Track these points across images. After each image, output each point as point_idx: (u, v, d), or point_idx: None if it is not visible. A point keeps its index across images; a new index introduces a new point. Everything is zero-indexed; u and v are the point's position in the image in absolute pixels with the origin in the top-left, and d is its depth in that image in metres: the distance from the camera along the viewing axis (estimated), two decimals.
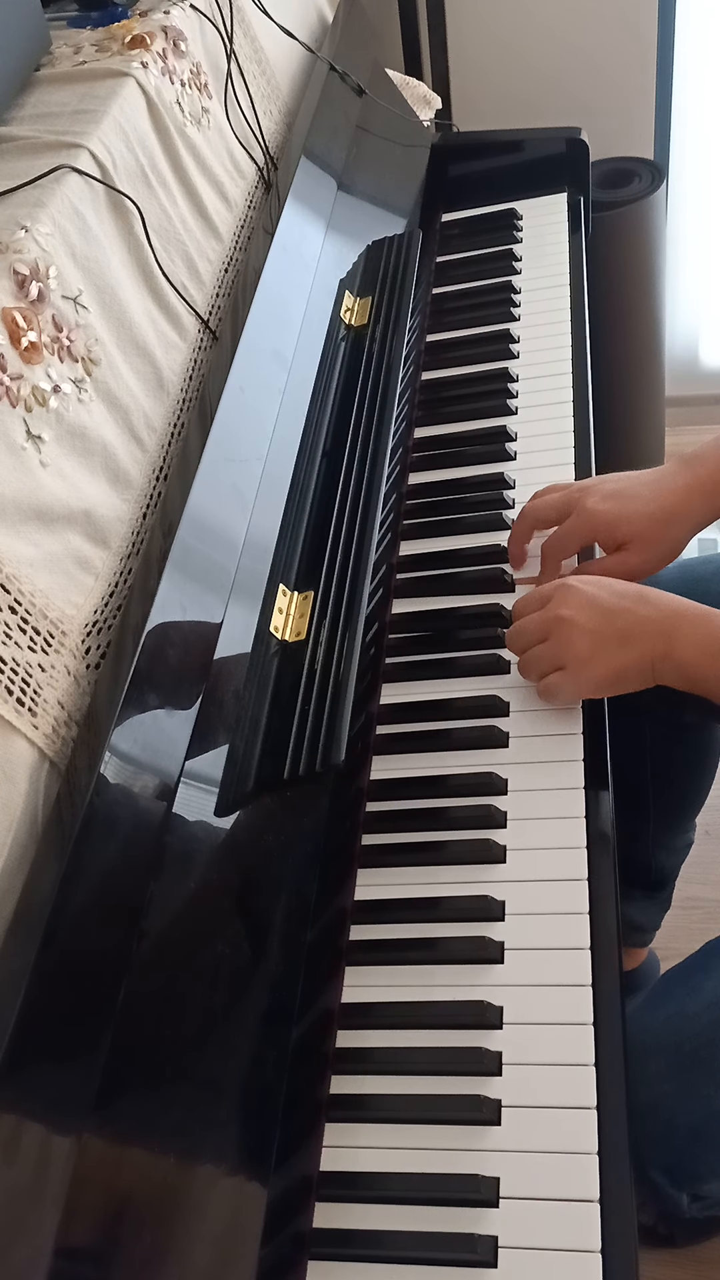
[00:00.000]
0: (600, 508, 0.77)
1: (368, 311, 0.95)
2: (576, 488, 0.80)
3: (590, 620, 0.70)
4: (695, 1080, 0.73)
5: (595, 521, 0.77)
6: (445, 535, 0.90)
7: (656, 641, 0.69)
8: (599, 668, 0.70)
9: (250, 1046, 0.58)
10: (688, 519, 0.77)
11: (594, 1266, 0.52)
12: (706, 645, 0.68)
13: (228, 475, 0.72)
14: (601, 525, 0.77)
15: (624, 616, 0.70)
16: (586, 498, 0.78)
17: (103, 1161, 0.48)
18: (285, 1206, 0.55)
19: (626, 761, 1.04)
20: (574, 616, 0.71)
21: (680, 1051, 0.73)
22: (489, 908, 0.66)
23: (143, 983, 0.53)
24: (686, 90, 1.63)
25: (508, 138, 1.26)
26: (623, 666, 0.70)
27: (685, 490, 0.77)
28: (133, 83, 0.80)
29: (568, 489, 0.81)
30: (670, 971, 0.81)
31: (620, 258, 1.56)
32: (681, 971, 0.80)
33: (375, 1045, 0.63)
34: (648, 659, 0.69)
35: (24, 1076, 0.47)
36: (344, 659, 0.68)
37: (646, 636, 0.69)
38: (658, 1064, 0.74)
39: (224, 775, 0.63)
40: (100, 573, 0.67)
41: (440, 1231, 0.55)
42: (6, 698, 0.56)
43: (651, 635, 0.69)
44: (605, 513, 0.77)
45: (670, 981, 0.80)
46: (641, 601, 0.70)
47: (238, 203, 0.95)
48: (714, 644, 0.68)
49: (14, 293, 0.63)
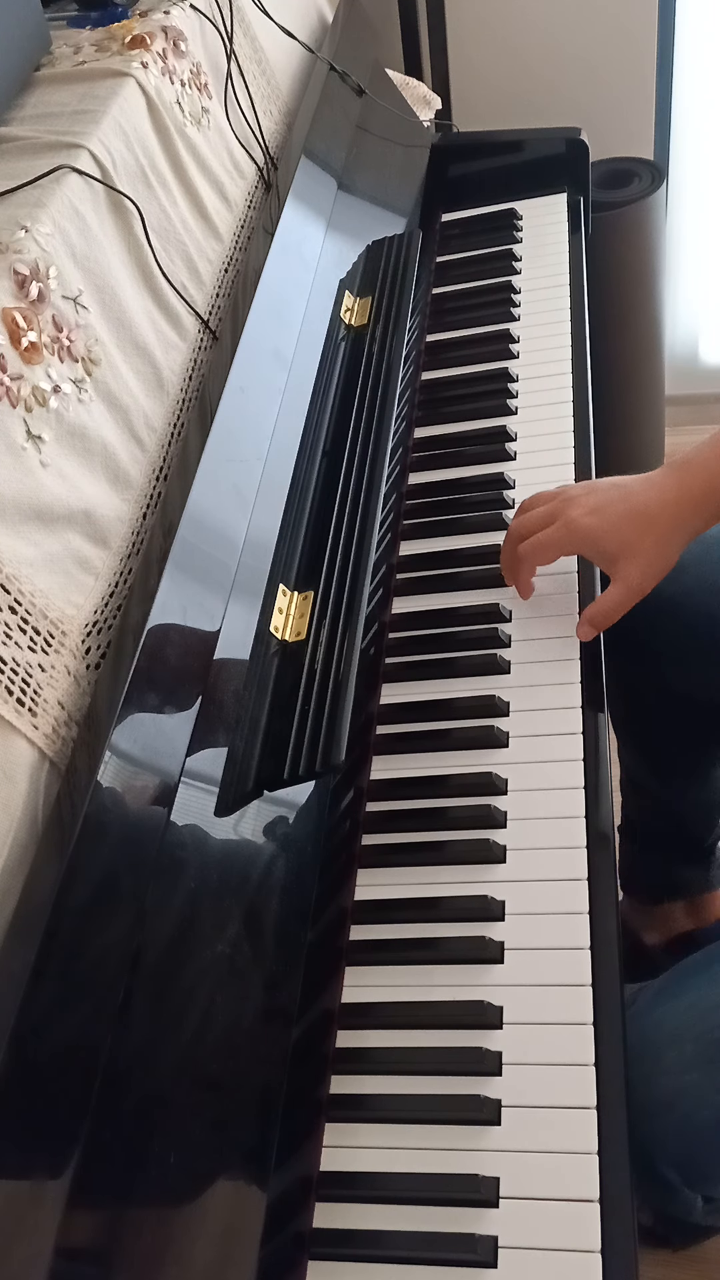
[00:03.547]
0: (585, 522, 0.76)
1: (368, 311, 0.95)
2: (561, 499, 0.79)
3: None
4: (715, 1073, 0.72)
5: (579, 535, 0.76)
6: (445, 535, 0.90)
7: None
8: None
9: (250, 1046, 0.58)
10: (677, 531, 0.75)
11: (594, 1266, 0.52)
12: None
13: (228, 475, 0.72)
14: (586, 540, 0.76)
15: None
16: (570, 509, 0.77)
17: (103, 1161, 0.48)
18: (285, 1206, 0.55)
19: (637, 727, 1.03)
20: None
21: (702, 1041, 0.71)
22: (489, 908, 0.66)
23: (143, 982, 0.53)
24: (686, 90, 1.63)
25: (508, 138, 1.26)
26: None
27: (675, 502, 0.75)
28: (133, 83, 0.80)
29: (552, 500, 0.79)
30: (684, 963, 0.79)
31: (620, 258, 1.56)
32: (697, 962, 0.78)
33: (375, 1045, 0.63)
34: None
35: (24, 1076, 0.47)
36: (344, 659, 0.68)
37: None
38: (677, 1054, 0.72)
39: (224, 775, 0.63)
40: (100, 573, 0.67)
41: (440, 1231, 0.55)
42: (6, 698, 0.56)
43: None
44: (590, 528, 0.76)
45: (685, 972, 0.78)
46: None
47: (238, 203, 0.95)
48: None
49: (14, 293, 0.63)
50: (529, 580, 0.81)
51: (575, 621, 0.80)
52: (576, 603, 0.81)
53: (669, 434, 1.82)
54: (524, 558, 0.79)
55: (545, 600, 0.82)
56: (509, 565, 0.82)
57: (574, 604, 0.81)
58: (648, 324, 1.65)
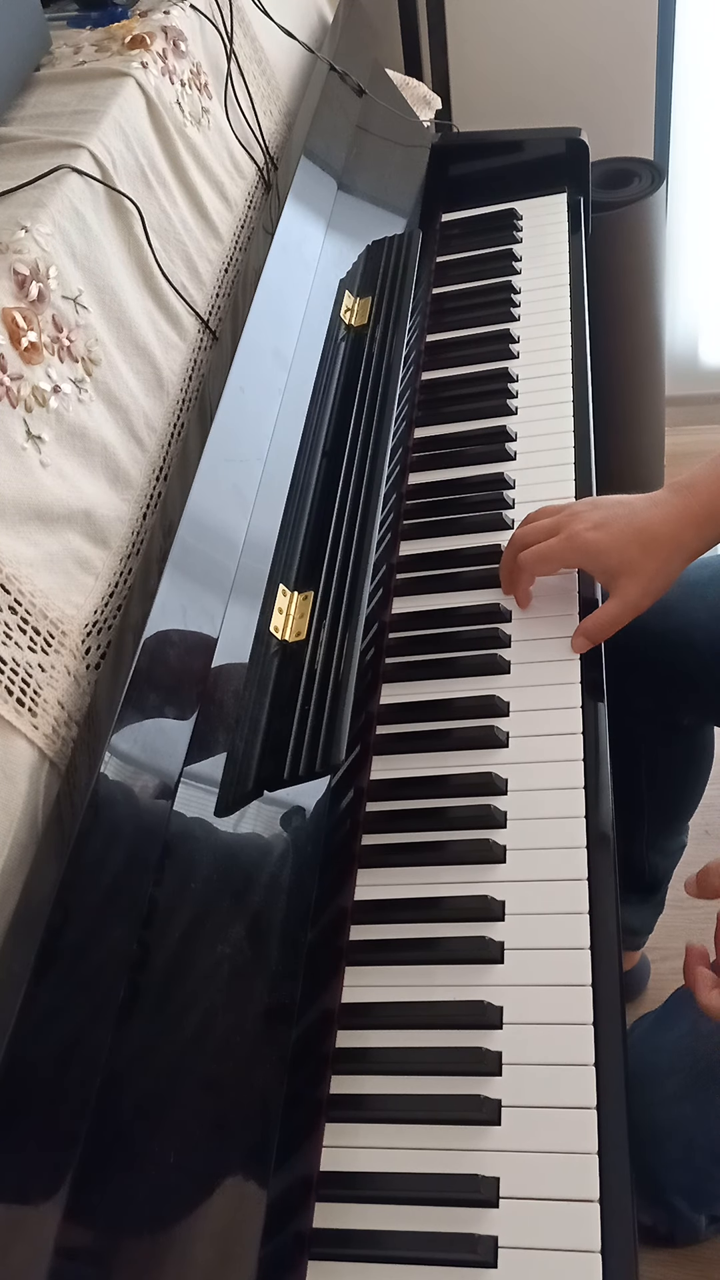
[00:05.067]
0: (588, 536, 0.76)
1: (368, 311, 0.95)
2: (566, 513, 0.79)
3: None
4: (714, 1098, 0.72)
5: (582, 549, 0.77)
6: (445, 535, 0.90)
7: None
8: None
9: (250, 1046, 0.58)
10: (679, 551, 0.76)
11: (594, 1266, 0.52)
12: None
13: (228, 475, 0.72)
14: (589, 554, 0.77)
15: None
16: (575, 523, 0.78)
17: (103, 1161, 0.48)
18: (285, 1206, 0.55)
19: (621, 764, 1.04)
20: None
21: (696, 1070, 0.72)
22: (489, 908, 0.66)
23: (143, 982, 0.53)
24: (686, 90, 1.63)
25: (508, 138, 1.26)
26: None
27: (677, 521, 0.76)
28: (133, 83, 0.80)
29: (557, 513, 0.80)
30: (681, 989, 0.79)
31: (620, 258, 1.56)
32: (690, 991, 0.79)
33: (375, 1045, 0.63)
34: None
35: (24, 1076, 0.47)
36: (344, 659, 0.68)
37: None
38: (674, 1085, 0.73)
39: (224, 775, 0.63)
40: (100, 573, 0.67)
41: (440, 1231, 0.55)
42: (6, 698, 0.56)
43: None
44: (593, 542, 0.76)
45: (681, 1000, 0.78)
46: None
47: (238, 203, 0.95)
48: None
49: (14, 293, 0.63)
50: (528, 590, 0.81)
51: (575, 621, 0.80)
52: (577, 603, 0.81)
53: (669, 434, 1.82)
54: (524, 567, 0.79)
55: (546, 600, 0.82)
56: (508, 574, 0.82)
57: (574, 604, 0.81)
58: (648, 324, 1.65)
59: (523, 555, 0.79)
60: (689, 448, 1.93)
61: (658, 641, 0.91)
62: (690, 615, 0.91)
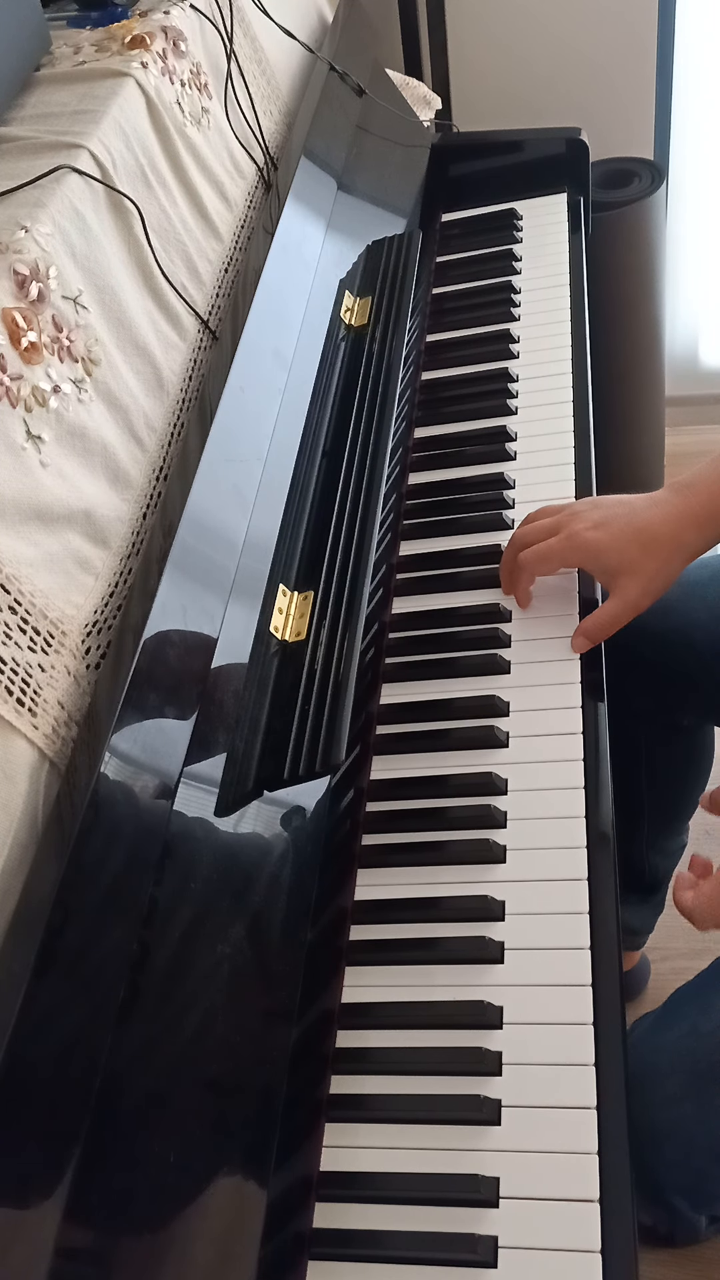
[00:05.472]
0: (589, 536, 0.76)
1: (368, 311, 0.95)
2: (567, 513, 0.79)
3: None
4: (714, 1098, 0.72)
5: (582, 548, 0.77)
6: (445, 535, 0.90)
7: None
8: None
9: (250, 1046, 0.58)
10: (679, 551, 0.76)
11: (594, 1266, 0.52)
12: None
13: (228, 475, 0.72)
14: (589, 553, 0.77)
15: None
16: (575, 523, 0.78)
17: (103, 1160, 0.48)
18: (285, 1206, 0.55)
19: (621, 764, 1.04)
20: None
21: (696, 1070, 0.72)
22: (489, 908, 0.66)
23: (143, 981, 0.53)
24: (686, 90, 1.63)
25: (508, 138, 1.26)
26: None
27: (677, 521, 0.76)
28: (132, 83, 0.80)
29: (558, 513, 0.80)
30: (681, 989, 0.79)
31: (620, 258, 1.56)
32: (692, 989, 0.78)
33: (375, 1045, 0.63)
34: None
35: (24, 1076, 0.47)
36: (344, 659, 0.68)
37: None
38: (674, 1085, 0.72)
39: (224, 775, 0.63)
40: (100, 573, 0.67)
41: (440, 1231, 0.55)
42: (6, 698, 0.56)
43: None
44: (594, 541, 0.76)
45: (681, 1000, 0.79)
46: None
47: (238, 203, 0.95)
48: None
49: (14, 293, 0.63)
50: (528, 589, 0.81)
51: (575, 621, 0.80)
52: (577, 603, 0.81)
53: (669, 434, 1.82)
54: (524, 566, 0.80)
55: (546, 600, 0.82)
56: (508, 574, 0.82)
57: (574, 604, 0.81)
58: (648, 324, 1.65)
59: (523, 555, 0.79)
60: (689, 448, 1.93)
61: (658, 641, 0.91)
62: (690, 615, 0.91)
